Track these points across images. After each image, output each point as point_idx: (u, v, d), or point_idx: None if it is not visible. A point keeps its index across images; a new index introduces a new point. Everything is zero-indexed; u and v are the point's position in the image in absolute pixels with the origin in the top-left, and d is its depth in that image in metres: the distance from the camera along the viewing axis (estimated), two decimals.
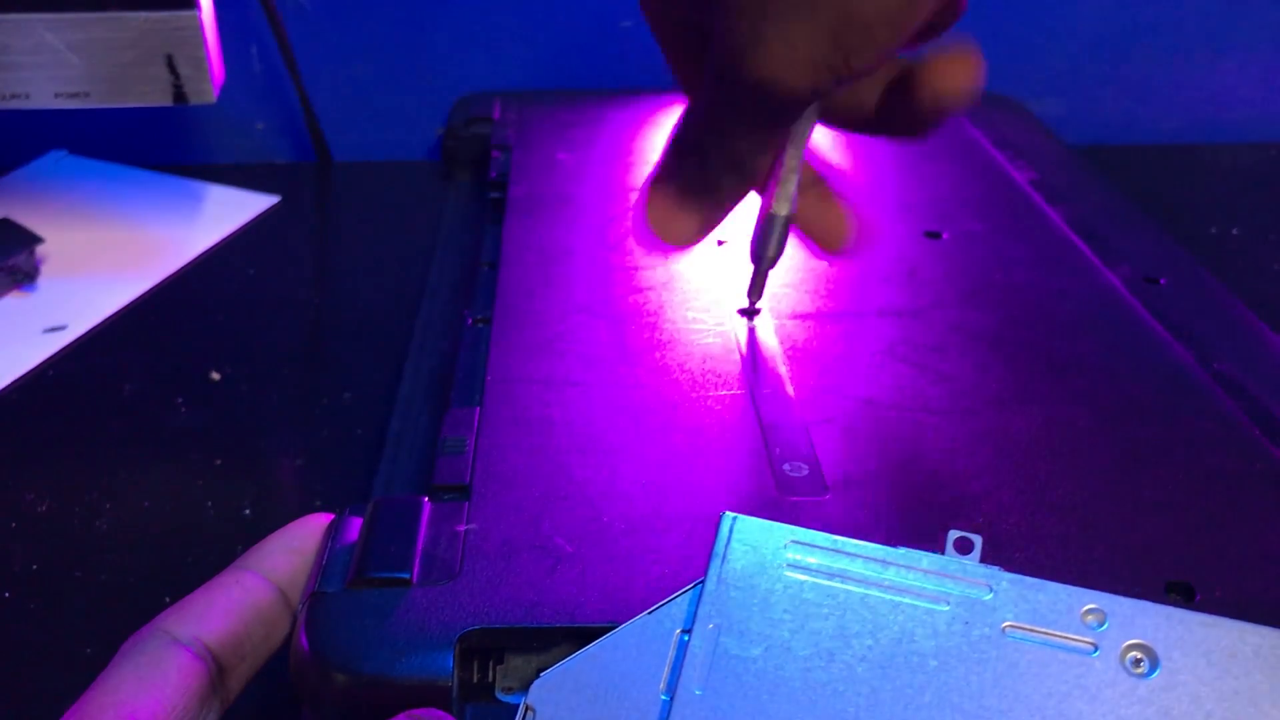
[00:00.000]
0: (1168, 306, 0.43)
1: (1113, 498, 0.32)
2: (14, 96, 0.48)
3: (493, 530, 0.30)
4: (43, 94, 0.49)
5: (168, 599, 0.29)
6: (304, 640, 0.26)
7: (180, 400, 0.47)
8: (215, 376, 0.48)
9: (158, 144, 0.70)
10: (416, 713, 0.24)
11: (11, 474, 0.42)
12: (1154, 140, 0.75)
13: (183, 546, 0.39)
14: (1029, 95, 0.71)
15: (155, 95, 0.49)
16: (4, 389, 0.47)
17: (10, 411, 0.46)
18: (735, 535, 0.25)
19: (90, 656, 0.34)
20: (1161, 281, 0.45)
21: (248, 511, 0.41)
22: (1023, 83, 0.72)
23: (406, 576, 0.28)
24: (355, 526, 0.30)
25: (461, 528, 0.30)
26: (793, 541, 0.25)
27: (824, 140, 0.61)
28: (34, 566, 0.38)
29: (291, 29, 0.66)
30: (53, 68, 0.48)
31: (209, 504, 0.41)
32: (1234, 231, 0.62)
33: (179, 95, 0.49)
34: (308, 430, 0.45)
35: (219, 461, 0.43)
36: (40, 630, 0.36)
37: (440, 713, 0.24)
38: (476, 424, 0.35)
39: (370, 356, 0.50)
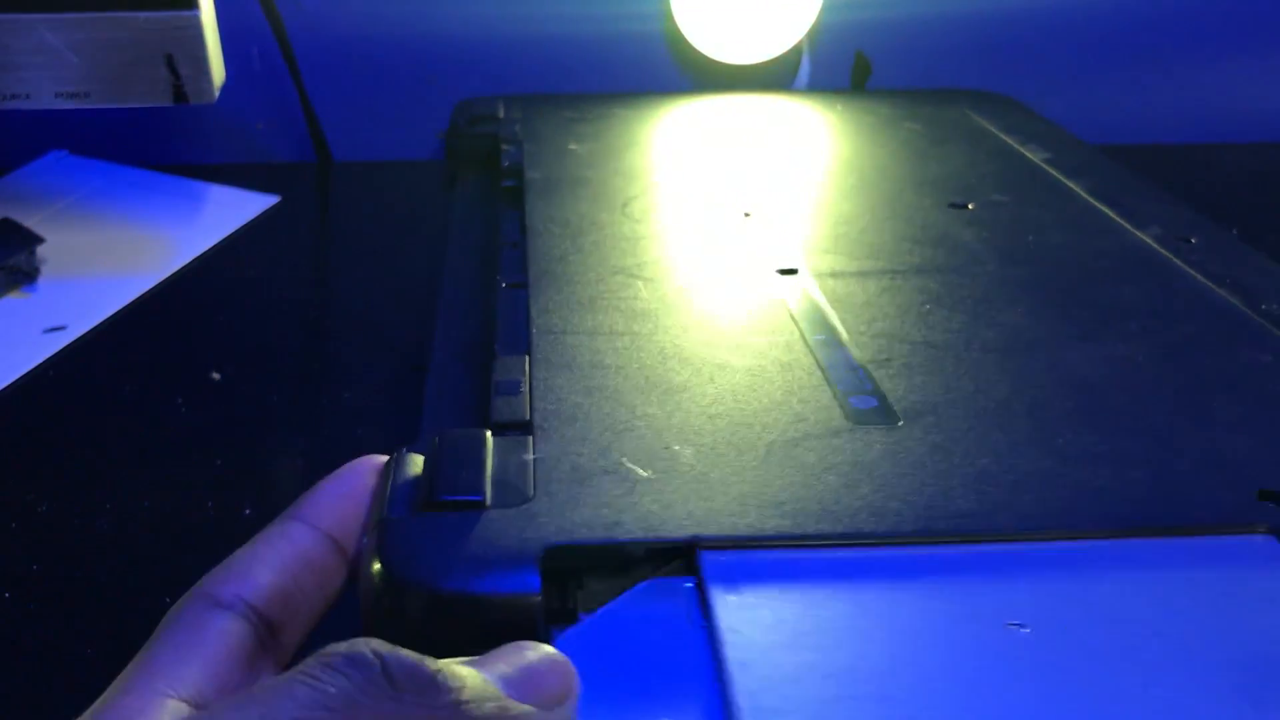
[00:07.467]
0: (1204, 260, 0.43)
1: (1190, 418, 0.32)
2: (14, 96, 0.48)
3: (562, 460, 0.29)
4: (43, 94, 0.49)
5: (168, 599, 0.28)
6: (377, 563, 0.25)
7: (180, 400, 0.47)
8: (215, 376, 0.48)
9: (158, 144, 0.70)
10: (525, 645, 0.22)
11: (11, 474, 0.42)
12: (1154, 140, 0.75)
13: (183, 546, 0.39)
14: (1029, 95, 0.71)
15: (155, 95, 0.49)
16: (4, 389, 0.47)
17: (10, 411, 0.46)
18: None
19: (90, 656, 0.34)
20: (1192, 240, 0.45)
21: (248, 511, 0.40)
22: (1023, 83, 0.72)
23: (480, 499, 0.26)
24: (416, 464, 0.28)
25: (529, 456, 0.29)
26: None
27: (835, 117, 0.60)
28: (34, 566, 0.38)
29: (291, 29, 0.66)
30: (53, 68, 0.48)
31: (209, 504, 0.41)
32: (1234, 232, 0.62)
33: (179, 95, 0.49)
34: (308, 430, 0.45)
35: (219, 461, 0.43)
36: (40, 630, 0.36)
37: (555, 651, 0.22)
38: (528, 369, 0.34)
39: (370, 356, 0.50)
